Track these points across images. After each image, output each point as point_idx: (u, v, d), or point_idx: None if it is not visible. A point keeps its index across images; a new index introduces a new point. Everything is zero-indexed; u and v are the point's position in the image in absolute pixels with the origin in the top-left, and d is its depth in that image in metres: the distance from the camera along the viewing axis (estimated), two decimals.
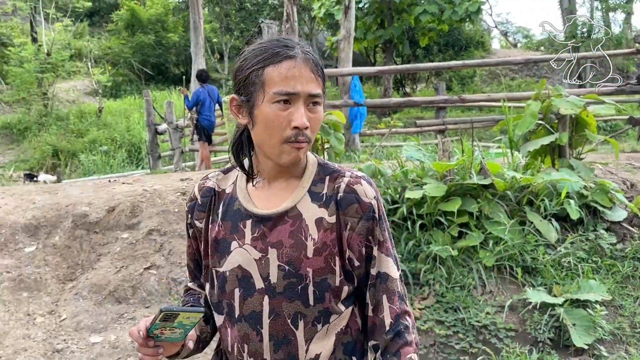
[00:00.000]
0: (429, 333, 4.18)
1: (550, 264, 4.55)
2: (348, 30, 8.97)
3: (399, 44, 23.00)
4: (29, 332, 4.25)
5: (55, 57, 18.25)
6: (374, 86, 25.75)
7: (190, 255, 1.60)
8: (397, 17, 22.22)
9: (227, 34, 29.72)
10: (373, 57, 28.19)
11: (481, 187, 4.87)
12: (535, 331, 4.14)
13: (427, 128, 11.21)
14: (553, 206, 4.88)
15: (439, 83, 11.47)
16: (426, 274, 4.50)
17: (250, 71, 1.38)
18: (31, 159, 15.77)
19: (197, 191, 1.54)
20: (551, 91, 5.49)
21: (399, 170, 5.12)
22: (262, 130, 1.39)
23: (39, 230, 5.23)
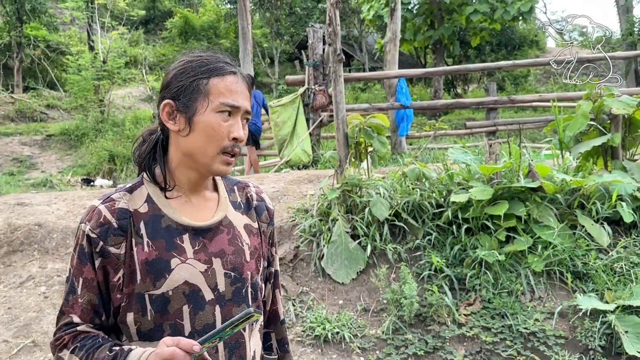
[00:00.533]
0: (475, 340, 4.11)
1: (602, 269, 4.40)
2: (394, 32, 8.92)
3: (450, 44, 22.73)
4: None
5: (111, 65, 18.83)
6: (424, 87, 25.51)
7: (93, 289, 1.39)
8: (447, 17, 21.98)
9: (277, 39, 30.00)
10: (423, 58, 27.95)
11: (529, 190, 4.76)
12: (586, 338, 4.01)
13: (478, 130, 11.01)
14: (605, 209, 4.73)
15: (489, 83, 11.24)
16: (472, 279, 4.42)
17: (193, 79, 1.41)
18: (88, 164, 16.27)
19: (108, 214, 1.39)
20: (603, 91, 5.32)
21: (444, 174, 5.06)
22: (201, 137, 1.41)
23: None
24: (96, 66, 18.59)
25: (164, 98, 1.45)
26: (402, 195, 4.91)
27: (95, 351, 1.36)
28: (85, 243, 1.39)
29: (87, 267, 1.39)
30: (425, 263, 4.58)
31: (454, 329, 4.17)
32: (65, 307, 1.42)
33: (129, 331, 1.42)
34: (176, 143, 1.46)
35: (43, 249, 5.26)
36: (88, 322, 1.41)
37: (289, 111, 9.19)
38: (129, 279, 1.39)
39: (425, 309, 4.29)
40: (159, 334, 1.39)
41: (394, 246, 4.70)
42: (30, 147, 17.85)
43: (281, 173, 7.56)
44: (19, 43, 22.49)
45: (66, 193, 6.67)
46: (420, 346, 4.10)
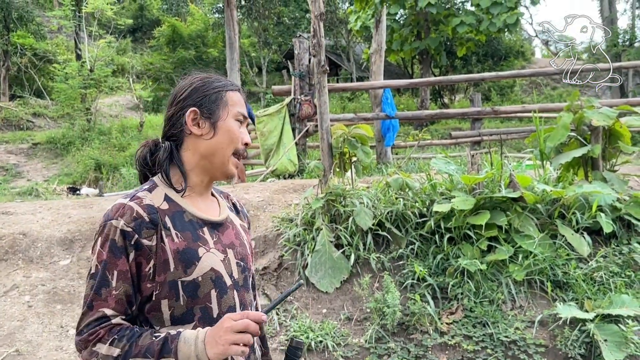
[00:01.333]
0: (457, 348, 4.15)
1: (582, 278, 4.46)
2: (379, 43, 9.00)
3: (436, 55, 22.90)
4: (61, 343, 4.37)
5: (98, 73, 18.79)
6: (411, 97, 25.66)
7: (128, 280, 1.49)
8: (434, 28, 22.16)
9: (265, 48, 30.09)
10: (410, 68, 28.13)
11: (510, 200, 4.82)
12: (566, 347, 4.06)
13: (463, 139, 11.11)
14: (585, 219, 4.80)
15: (474, 94, 11.34)
16: (454, 288, 4.47)
17: (214, 91, 1.65)
18: (74, 173, 16.20)
19: (140, 209, 1.51)
20: (584, 102, 5.41)
21: (427, 184, 5.11)
22: (224, 140, 1.64)
23: (73, 243, 5.38)
24: (83, 74, 18.54)
25: (184, 107, 1.63)
26: (386, 205, 4.96)
27: (137, 339, 1.45)
28: (118, 237, 1.49)
29: (122, 260, 1.49)
30: (408, 272, 4.62)
31: (436, 337, 4.20)
32: (95, 302, 1.48)
33: (161, 318, 1.53)
34: (194, 147, 1.64)
35: (27, 258, 5.25)
36: (122, 313, 1.49)
37: (275, 121, 9.22)
38: (162, 268, 1.51)
39: (408, 318, 4.33)
40: (190, 318, 1.54)
41: (378, 255, 4.74)
42: (16, 155, 17.75)
43: (267, 182, 7.59)
44: (5, 51, 22.40)
45: (51, 202, 6.66)
46: (402, 355, 4.13)
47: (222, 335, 1.43)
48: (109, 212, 1.54)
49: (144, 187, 1.61)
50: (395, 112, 8.84)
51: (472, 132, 10.83)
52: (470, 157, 5.05)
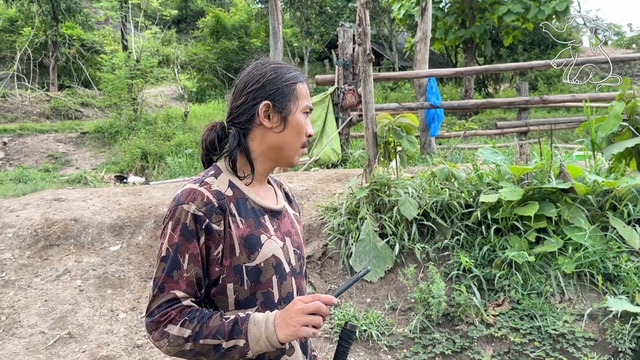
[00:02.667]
0: (503, 340, 4.10)
1: (634, 271, 4.34)
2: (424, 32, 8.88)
3: (481, 43, 22.50)
4: (111, 327, 4.49)
5: (144, 64, 19.07)
6: (455, 87, 25.30)
7: (198, 263, 1.53)
8: (479, 16, 21.76)
9: (307, 38, 30.09)
10: (454, 57, 27.74)
11: (560, 192, 4.72)
12: (616, 341, 3.97)
13: (509, 130, 10.91)
14: (638, 211, 4.66)
15: (521, 83, 11.10)
16: (501, 280, 4.41)
17: (286, 84, 1.66)
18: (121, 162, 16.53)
19: (210, 194, 1.55)
20: (636, 91, 5.24)
21: (473, 174, 5.05)
22: (293, 133, 1.67)
23: (123, 230, 5.50)
24: (130, 65, 18.87)
25: (256, 98, 1.65)
26: (431, 195, 4.92)
27: (208, 321, 1.50)
28: (189, 222, 1.52)
29: (193, 243, 1.52)
30: (453, 263, 4.58)
31: (482, 329, 4.16)
32: (166, 284, 1.52)
33: (226, 301, 1.58)
34: (262, 138, 1.66)
35: (79, 244, 5.40)
36: (192, 295, 1.53)
37: (319, 110, 9.23)
38: (228, 252, 1.56)
39: (453, 309, 4.30)
40: (253, 302, 1.58)
41: (422, 246, 4.71)
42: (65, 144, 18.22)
43: (310, 172, 7.61)
44: (54, 42, 22.95)
45: (101, 189, 6.82)
46: (447, 345, 4.11)
47: (294, 317, 1.47)
48: (179, 196, 1.57)
49: (209, 172, 1.63)
50: (440, 101, 8.73)
51: (518, 122, 10.63)
52: (518, 147, 4.96)
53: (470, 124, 6.30)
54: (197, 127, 19.35)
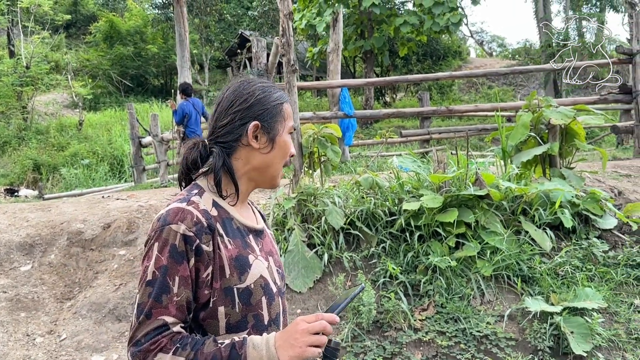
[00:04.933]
0: (431, 344, 4.21)
1: (547, 272, 4.62)
2: (336, 42, 9.04)
3: (380, 54, 23.16)
4: (29, 352, 4.19)
5: (35, 70, 18.06)
6: (354, 96, 25.88)
7: (189, 286, 1.47)
8: (377, 27, 22.39)
9: (207, 45, 29.67)
10: (353, 67, 28.36)
11: (477, 198, 4.94)
12: (535, 340, 4.19)
13: (413, 138, 11.31)
14: (547, 215, 4.97)
15: (422, 93, 11.55)
16: (426, 285, 4.54)
17: (273, 105, 1.63)
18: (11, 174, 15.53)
19: (199, 214, 1.49)
20: (541, 102, 5.60)
21: (395, 182, 5.17)
22: (279, 154, 1.64)
23: (34, 248, 5.16)
24: (19, 72, 17.77)
25: (245, 118, 1.60)
26: (356, 204, 4.99)
27: (202, 347, 1.42)
28: (179, 242, 1.45)
29: (183, 265, 1.45)
30: (380, 270, 4.66)
31: (410, 334, 4.26)
32: (154, 310, 1.43)
33: (217, 326, 1.52)
34: (247, 158, 1.62)
35: None
36: (182, 321, 1.46)
37: None
38: (219, 274, 1.50)
39: (382, 316, 4.37)
40: (244, 325, 1.54)
41: (350, 254, 4.77)
42: None
43: None
44: None
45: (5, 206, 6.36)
46: (378, 352, 4.17)
47: (299, 338, 1.42)
48: (165, 216, 1.49)
49: (193, 191, 1.57)
50: (354, 111, 8.90)
51: (421, 131, 11.03)
52: (435, 155, 5.14)
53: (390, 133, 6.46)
54: (93, 137, 18.56)
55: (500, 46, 42.65)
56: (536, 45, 30.67)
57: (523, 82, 29.04)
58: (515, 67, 9.41)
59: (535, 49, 30.49)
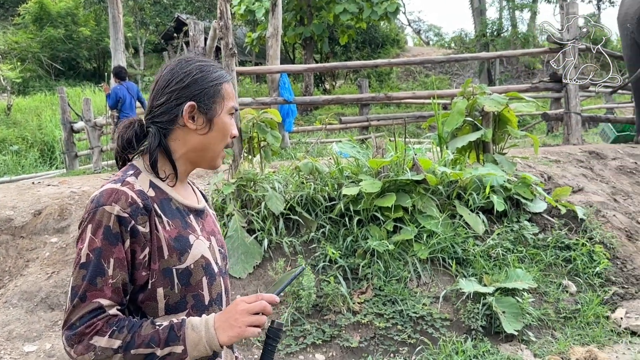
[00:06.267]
0: (369, 326, 4.29)
1: (480, 255, 4.77)
2: (275, 27, 8.98)
3: (319, 41, 23.17)
4: None
5: None
6: (294, 83, 25.83)
7: (124, 268, 1.44)
8: (316, 14, 22.36)
9: (141, 28, 28.91)
10: (292, 53, 28.27)
11: (414, 183, 5.04)
12: (469, 320, 4.33)
13: (352, 124, 11.40)
14: (480, 199, 5.12)
15: (361, 80, 11.65)
16: (364, 269, 4.61)
17: (211, 85, 1.59)
18: None
19: (134, 195, 1.46)
20: (475, 89, 5.74)
21: (334, 168, 5.21)
22: (218, 136, 1.61)
23: None
24: None
25: (181, 98, 1.56)
26: (296, 190, 5.00)
27: (139, 329, 1.40)
28: (113, 224, 1.42)
29: (118, 247, 1.43)
30: (320, 255, 4.70)
31: (349, 316, 4.32)
32: (89, 292, 1.40)
33: (156, 307, 1.50)
34: (184, 139, 1.59)
35: None
36: (118, 303, 1.44)
37: None
38: (157, 255, 1.48)
39: (322, 299, 4.41)
40: (183, 306, 1.53)
41: (290, 239, 4.78)
42: None
43: None
44: None
45: None
46: (318, 335, 4.21)
47: (239, 318, 1.42)
48: (98, 197, 1.45)
49: (128, 171, 1.53)
50: (293, 97, 8.89)
51: (360, 118, 11.14)
52: (374, 141, 5.21)
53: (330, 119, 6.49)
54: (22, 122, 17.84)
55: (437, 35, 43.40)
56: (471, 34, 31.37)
57: (459, 71, 29.72)
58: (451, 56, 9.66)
59: (471, 38, 31.21)
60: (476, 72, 27.31)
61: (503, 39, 27.09)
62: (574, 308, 4.58)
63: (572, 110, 8.16)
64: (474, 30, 29.51)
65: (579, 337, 4.34)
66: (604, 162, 6.76)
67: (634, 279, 4.92)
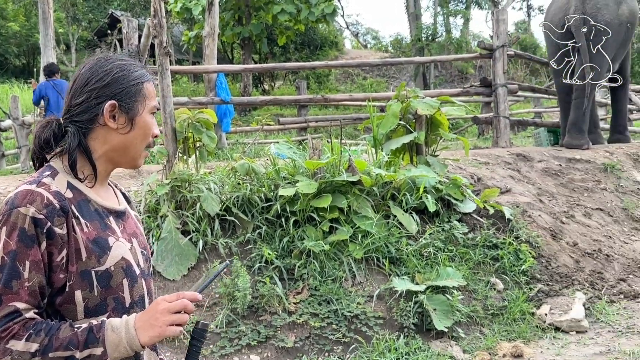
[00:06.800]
0: (305, 326, 4.33)
1: (413, 254, 4.89)
2: (212, 26, 8.90)
3: (258, 41, 23.08)
4: None
5: None
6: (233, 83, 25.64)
7: (41, 271, 1.41)
8: (255, 14, 22.27)
9: (74, 24, 28.04)
10: (231, 53, 28.06)
11: (350, 184, 5.12)
12: (401, 317, 4.43)
13: (290, 125, 11.43)
14: (413, 200, 5.25)
15: (300, 81, 11.71)
16: (300, 269, 4.64)
17: (132, 84, 1.58)
18: None
19: (50, 196, 1.43)
20: (409, 92, 5.88)
21: (271, 169, 5.23)
22: (140, 135, 1.60)
23: None
24: None
25: (101, 97, 1.55)
26: (232, 190, 4.99)
27: (57, 332, 1.38)
28: (28, 226, 1.40)
29: (34, 249, 1.40)
30: (256, 256, 4.70)
31: (285, 317, 4.35)
32: (4, 296, 1.36)
33: (74, 310, 1.47)
34: (105, 138, 1.57)
35: None
36: (35, 306, 1.41)
37: None
38: (74, 257, 1.46)
39: (258, 300, 4.42)
40: (103, 309, 1.50)
41: (226, 240, 4.76)
42: None
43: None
44: None
45: None
46: (253, 336, 4.22)
47: (159, 317, 1.41)
48: (13, 199, 1.42)
49: (44, 172, 1.50)
50: (230, 97, 8.83)
51: (299, 119, 11.19)
52: (311, 142, 5.25)
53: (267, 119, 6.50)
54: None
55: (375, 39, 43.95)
56: (407, 38, 31.98)
57: (395, 75, 30.24)
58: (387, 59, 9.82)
59: (407, 42, 31.81)
60: (412, 75, 27.87)
61: (438, 43, 27.76)
62: (501, 305, 4.76)
63: (501, 114, 8.47)
64: (410, 34, 30.10)
65: (506, 333, 4.52)
66: (531, 164, 7.04)
67: (558, 277, 5.15)
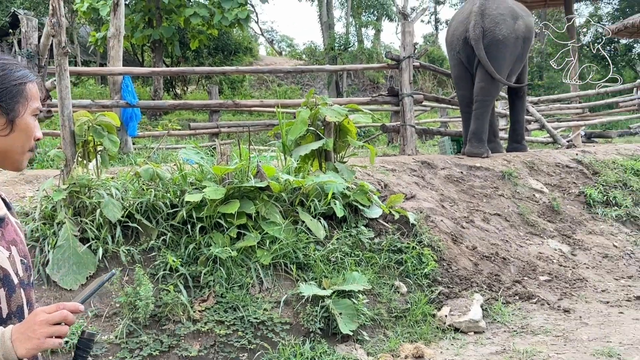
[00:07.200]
0: (210, 334, 4.25)
1: (320, 259, 4.92)
2: (118, 28, 8.63)
3: (169, 44, 22.62)
4: None
5: None
6: (143, 86, 24.98)
7: None
8: (166, 17, 21.82)
9: None
10: (141, 56, 27.35)
11: (258, 190, 5.09)
12: (308, 322, 4.45)
13: (202, 131, 11.26)
14: (321, 206, 5.30)
15: (212, 86, 11.57)
16: (206, 276, 4.56)
17: (15, 83, 1.53)
18: None
19: None
20: (317, 100, 5.93)
21: (177, 174, 5.12)
22: (21, 137, 1.55)
23: None
24: None
25: None
26: (135, 196, 4.84)
27: None
28: None
29: None
30: (160, 263, 4.58)
31: (189, 325, 4.26)
32: None
33: None
34: None
35: None
36: None
37: None
38: None
39: (161, 309, 4.30)
40: None
41: (128, 248, 4.60)
42: None
43: None
44: None
45: None
46: (155, 346, 4.10)
47: (37, 329, 1.36)
48: None
49: None
50: (137, 100, 8.58)
51: (210, 124, 11.04)
52: (219, 148, 5.19)
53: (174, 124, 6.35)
54: None
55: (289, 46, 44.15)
56: (321, 47, 32.35)
57: (310, 82, 30.52)
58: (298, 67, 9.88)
59: (320, 51, 32.18)
60: (326, 84, 28.21)
61: (350, 53, 28.26)
62: (405, 307, 4.88)
63: (407, 122, 8.71)
64: (323, 43, 30.48)
65: (409, 334, 4.63)
66: (434, 172, 7.28)
67: (458, 279, 5.34)
